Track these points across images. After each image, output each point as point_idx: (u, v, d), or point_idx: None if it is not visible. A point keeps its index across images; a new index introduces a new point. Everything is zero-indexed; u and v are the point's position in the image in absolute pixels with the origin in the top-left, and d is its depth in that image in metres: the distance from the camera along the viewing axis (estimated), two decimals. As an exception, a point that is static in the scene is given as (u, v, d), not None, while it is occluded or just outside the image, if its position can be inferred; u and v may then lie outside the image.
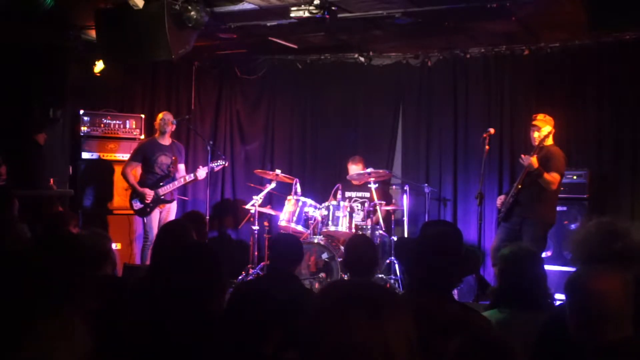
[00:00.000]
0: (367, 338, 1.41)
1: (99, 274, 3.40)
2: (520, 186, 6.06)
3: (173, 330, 2.40)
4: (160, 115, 7.32)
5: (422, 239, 2.68)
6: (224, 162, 7.43)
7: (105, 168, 7.72)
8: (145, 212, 7.03)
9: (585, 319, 2.19)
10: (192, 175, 7.15)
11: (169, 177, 7.14)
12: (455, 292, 6.19)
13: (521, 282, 2.96)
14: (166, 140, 7.23)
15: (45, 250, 3.05)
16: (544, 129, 6.08)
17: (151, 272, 3.38)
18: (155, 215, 7.06)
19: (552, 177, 5.96)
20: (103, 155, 7.71)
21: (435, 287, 2.52)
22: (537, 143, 6.06)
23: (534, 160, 5.88)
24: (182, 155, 7.43)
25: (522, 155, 6.06)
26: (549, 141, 6.14)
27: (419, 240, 2.69)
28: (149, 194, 6.99)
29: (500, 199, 6.36)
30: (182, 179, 7.16)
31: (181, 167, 7.34)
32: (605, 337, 2.13)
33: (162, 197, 7.08)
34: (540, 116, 6.19)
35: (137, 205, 7.04)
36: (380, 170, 7.38)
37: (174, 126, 7.27)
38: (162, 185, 7.07)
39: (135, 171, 7.20)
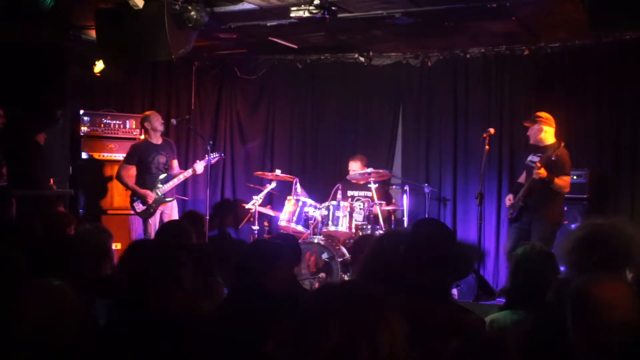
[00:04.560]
0: (342, 342, 1.41)
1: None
2: (528, 191, 6.08)
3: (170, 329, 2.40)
4: (143, 118, 7.16)
5: (412, 239, 2.65)
6: (220, 155, 7.40)
7: (105, 168, 7.73)
8: (149, 213, 6.95)
9: (589, 331, 2.09)
10: (190, 170, 7.12)
11: (167, 175, 7.11)
12: (455, 292, 6.19)
13: (535, 283, 2.93)
14: (158, 140, 7.13)
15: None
16: (534, 126, 6.17)
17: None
18: (156, 217, 7.03)
19: (564, 180, 6.02)
20: (103, 156, 7.72)
21: (427, 288, 2.51)
22: (536, 141, 6.15)
23: (542, 172, 5.90)
24: (174, 151, 7.33)
25: (537, 164, 6.04)
26: (551, 139, 6.16)
27: (410, 240, 2.66)
28: (151, 195, 6.94)
29: (509, 199, 6.36)
30: (181, 176, 7.11)
31: (174, 163, 7.29)
32: (610, 351, 2.04)
33: (164, 195, 7.03)
34: (540, 114, 6.23)
35: (140, 207, 6.95)
36: (380, 170, 7.38)
37: (161, 122, 7.16)
38: (162, 184, 7.05)
39: (130, 173, 7.05)
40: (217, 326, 2.57)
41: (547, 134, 6.16)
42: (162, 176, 7.05)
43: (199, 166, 7.09)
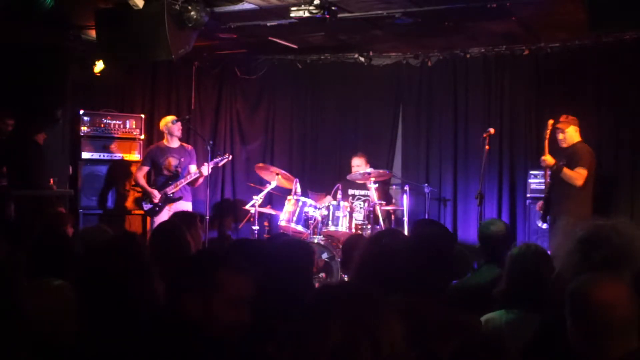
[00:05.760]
0: (343, 342, 1.41)
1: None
2: (550, 182, 6.13)
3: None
4: (163, 122, 7.42)
5: (411, 240, 2.66)
6: (227, 157, 7.49)
7: (105, 168, 7.74)
8: (154, 212, 7.21)
9: (589, 332, 2.08)
10: (197, 172, 7.24)
11: (177, 176, 7.29)
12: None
13: (530, 282, 2.93)
14: (174, 143, 7.38)
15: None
16: (567, 130, 6.22)
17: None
18: (163, 216, 7.08)
19: (576, 172, 6.04)
20: (103, 156, 7.73)
21: (424, 288, 2.51)
22: (564, 145, 6.22)
23: (547, 158, 5.94)
24: (193, 157, 7.53)
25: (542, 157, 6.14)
26: (576, 138, 6.25)
27: (409, 240, 2.67)
28: (156, 194, 7.16)
29: (539, 205, 6.46)
30: (188, 177, 7.27)
31: (192, 167, 7.41)
32: (611, 352, 2.03)
33: (171, 195, 7.22)
34: (569, 116, 6.30)
35: (147, 206, 7.25)
36: (380, 170, 7.39)
37: (179, 128, 7.33)
38: (170, 184, 7.22)
39: (146, 175, 7.39)
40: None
41: (577, 133, 6.28)
42: (172, 177, 7.27)
43: (205, 169, 7.16)
